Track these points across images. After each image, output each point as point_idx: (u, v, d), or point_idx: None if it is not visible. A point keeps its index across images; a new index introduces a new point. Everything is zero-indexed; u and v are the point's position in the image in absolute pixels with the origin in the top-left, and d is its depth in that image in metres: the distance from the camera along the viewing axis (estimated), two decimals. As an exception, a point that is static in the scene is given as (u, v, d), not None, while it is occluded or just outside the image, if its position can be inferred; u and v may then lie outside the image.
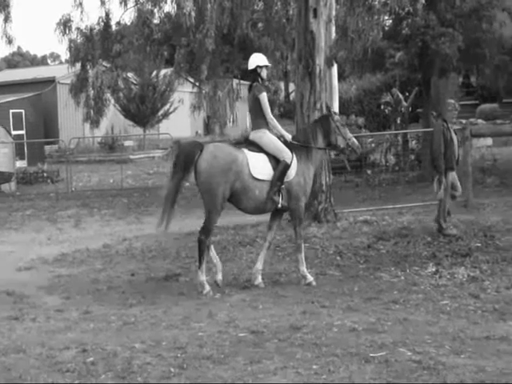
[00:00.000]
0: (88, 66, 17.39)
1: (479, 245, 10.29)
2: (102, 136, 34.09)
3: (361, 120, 27.17)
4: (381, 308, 7.43)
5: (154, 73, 34.63)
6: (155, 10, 15.51)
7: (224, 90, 16.19)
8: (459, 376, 5.28)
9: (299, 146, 8.97)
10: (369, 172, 19.71)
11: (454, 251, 9.94)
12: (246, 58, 9.42)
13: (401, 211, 13.98)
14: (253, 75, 9.06)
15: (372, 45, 12.44)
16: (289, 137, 9.04)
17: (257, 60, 9.02)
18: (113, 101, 28.05)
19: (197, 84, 17.64)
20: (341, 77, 24.40)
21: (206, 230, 8.66)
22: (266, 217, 9.45)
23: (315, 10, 12.72)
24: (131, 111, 34.97)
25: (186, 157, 8.60)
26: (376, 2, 13.14)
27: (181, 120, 37.88)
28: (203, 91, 16.90)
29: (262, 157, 8.72)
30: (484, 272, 8.76)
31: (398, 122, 22.54)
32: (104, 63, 17.99)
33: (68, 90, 18.95)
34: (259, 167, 8.62)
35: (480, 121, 29.58)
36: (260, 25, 19.01)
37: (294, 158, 8.83)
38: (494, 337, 6.22)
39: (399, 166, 20.44)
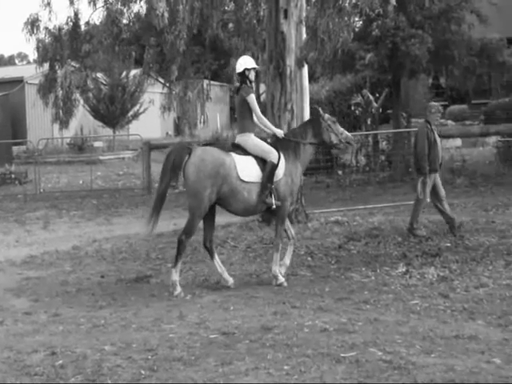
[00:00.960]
0: (56, 66, 17.20)
1: (449, 245, 10.38)
2: (71, 137, 33.80)
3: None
4: (352, 308, 7.45)
5: (124, 73, 34.41)
6: (125, 10, 15.40)
7: (194, 90, 16.13)
8: (429, 375, 5.31)
9: (288, 145, 9.02)
10: (340, 173, 19.79)
11: (424, 251, 10.01)
12: (217, 59, 9.44)
13: (371, 212, 14.06)
14: (241, 77, 9.12)
15: (342, 46, 12.48)
16: (281, 133, 9.11)
17: (244, 63, 9.08)
18: (82, 101, 27.80)
19: (167, 85, 17.56)
20: (311, 78, 24.45)
21: (188, 232, 8.68)
22: (237, 218, 9.43)
23: (286, 11, 12.74)
24: (101, 112, 34.72)
25: (174, 160, 8.65)
26: (346, 4, 13.18)
27: (151, 121, 37.71)
28: (173, 92, 16.82)
29: (250, 159, 8.77)
30: (453, 272, 8.83)
31: (369, 122, 22.66)
32: (73, 63, 17.81)
33: (36, 90, 18.73)
34: (247, 170, 8.67)
35: (449, 122, 29.86)
36: (231, 25, 19.00)
37: (282, 158, 8.87)
38: (464, 336, 6.26)
39: (370, 166, 20.55)
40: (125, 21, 15.95)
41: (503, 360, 5.63)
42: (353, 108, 24.92)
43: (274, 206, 8.79)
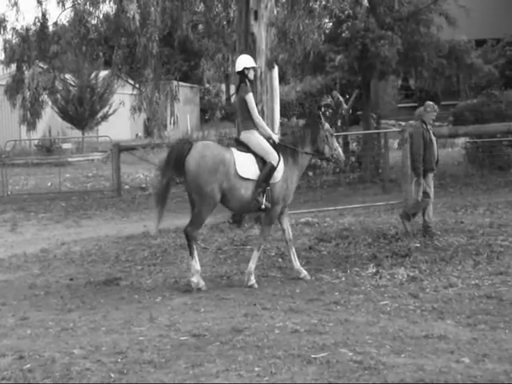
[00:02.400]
0: (24, 67, 17.03)
1: (418, 245, 10.45)
2: (39, 138, 33.42)
3: (302, 122, 27.33)
4: (322, 309, 7.46)
5: (93, 74, 34.16)
6: (93, 11, 15.26)
7: (164, 92, 16.03)
8: (399, 375, 5.33)
9: (286, 149, 9.03)
10: (310, 174, 19.82)
11: (394, 252, 10.06)
12: (187, 60, 9.42)
13: (342, 213, 14.10)
14: (240, 77, 9.13)
15: (313, 48, 12.52)
16: (276, 138, 9.12)
17: (244, 62, 9.12)
18: (50, 103, 27.51)
19: (137, 86, 17.45)
20: (282, 79, 24.53)
21: (194, 225, 8.75)
22: (207, 220, 9.38)
23: (256, 13, 12.72)
24: (69, 113, 34.41)
25: (175, 156, 8.69)
26: (316, 5, 13.22)
27: (120, 122, 37.46)
28: (143, 93, 16.72)
29: (250, 157, 8.80)
30: (423, 272, 8.89)
31: (339, 124, 22.73)
32: (40, 64, 17.64)
33: (3, 91, 18.52)
34: (246, 166, 8.70)
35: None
36: (201, 27, 18.94)
37: (282, 162, 8.89)
38: (433, 335, 6.30)
39: (340, 167, 20.60)
40: (93, 21, 15.82)
41: (472, 359, 5.67)
42: (323, 109, 25.00)
43: (263, 207, 8.82)
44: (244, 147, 8.89)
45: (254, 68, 9.16)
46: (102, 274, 9.89)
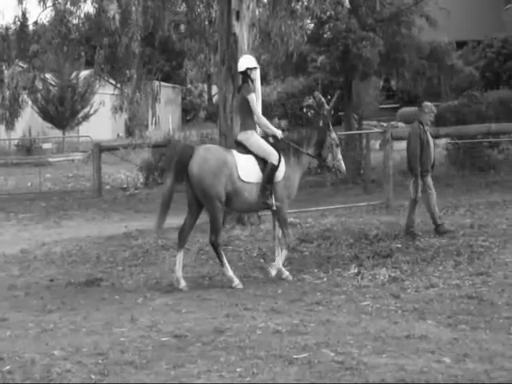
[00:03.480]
0: (3, 67, 16.90)
1: (400, 246, 10.47)
2: (19, 138, 33.21)
3: (284, 123, 27.34)
4: (304, 310, 7.45)
5: (74, 74, 34.00)
6: (74, 10, 15.18)
7: (145, 92, 15.99)
8: (381, 375, 5.33)
9: (289, 148, 9.06)
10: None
11: (375, 252, 10.08)
12: (169, 60, 9.41)
13: (323, 213, 14.11)
14: (243, 77, 9.18)
15: (294, 48, 12.53)
16: (280, 134, 9.12)
17: (246, 62, 9.17)
18: (30, 102, 27.35)
19: (118, 86, 17.38)
20: (264, 80, 24.54)
21: (215, 230, 8.81)
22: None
23: (238, 13, 12.70)
24: (50, 113, 34.23)
25: (177, 160, 8.72)
26: (298, 6, 13.25)
27: (102, 122, 37.30)
28: (125, 93, 16.66)
29: (251, 159, 8.82)
30: (404, 272, 8.91)
31: (321, 124, 22.78)
32: (20, 63, 17.52)
33: (-18, 90, 18.36)
34: (248, 170, 8.73)
35: (400, 124, 30.19)
36: (183, 27, 18.89)
37: (282, 161, 8.91)
38: (414, 336, 6.31)
39: (322, 168, 20.64)
40: (74, 21, 15.74)
41: (453, 359, 5.69)
42: (305, 110, 25.03)
43: (274, 208, 8.89)
44: (243, 148, 8.92)
45: (256, 68, 9.22)
46: (83, 274, 9.83)
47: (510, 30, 32.37)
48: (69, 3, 14.76)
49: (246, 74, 9.13)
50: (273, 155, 8.83)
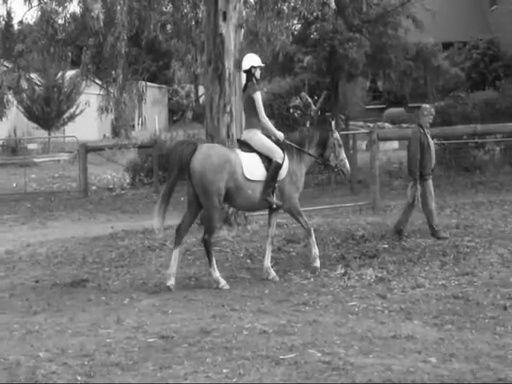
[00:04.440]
0: (-12, 66, 16.80)
1: (386, 246, 10.50)
2: (4, 138, 33.04)
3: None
4: (291, 310, 7.45)
5: (60, 74, 33.86)
6: (60, 10, 15.09)
7: (131, 92, 15.93)
8: (367, 375, 5.34)
9: (292, 147, 9.11)
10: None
11: (362, 253, 10.10)
12: (155, 60, 9.38)
13: (310, 214, 14.07)
14: (247, 75, 9.21)
15: (281, 49, 12.53)
16: (281, 136, 9.15)
17: (251, 61, 9.18)
18: (15, 102, 27.21)
19: (104, 86, 17.31)
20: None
21: (209, 229, 8.82)
22: (175, 221, 9.33)
23: (225, 14, 12.68)
24: (35, 113, 34.08)
25: (179, 157, 8.70)
26: (285, 7, 13.24)
27: (88, 123, 37.17)
28: (111, 93, 16.60)
29: (255, 157, 8.86)
30: (391, 273, 8.93)
31: (307, 125, 22.81)
32: (5, 63, 17.42)
33: (-33, 90, 18.26)
34: (252, 168, 8.76)
35: (387, 124, 30.30)
36: (169, 27, 18.85)
37: (286, 158, 8.96)
38: (401, 336, 6.32)
39: (309, 169, 20.66)
40: (60, 21, 15.65)
41: (439, 359, 5.70)
42: (292, 111, 25.07)
43: (275, 206, 8.95)
44: (247, 147, 8.95)
45: (260, 67, 9.23)
46: (69, 275, 9.78)
47: (496, 32, 32.57)
48: (54, 3, 14.67)
49: (250, 73, 9.17)
50: (277, 153, 8.89)
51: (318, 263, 9.13)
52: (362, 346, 6.05)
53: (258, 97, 8.99)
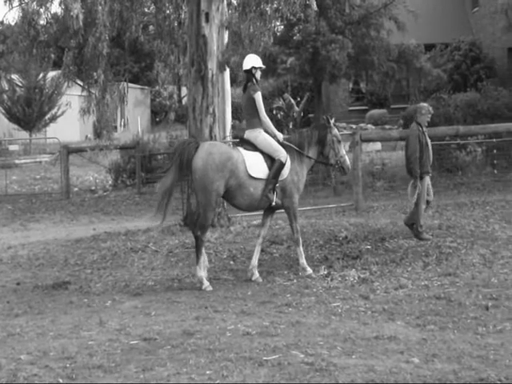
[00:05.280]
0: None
1: (369, 247, 10.53)
2: (-15, 140, 32.83)
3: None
4: (274, 311, 7.44)
5: (41, 75, 33.66)
6: (42, 11, 14.98)
7: (114, 93, 15.85)
8: (350, 376, 5.34)
9: (291, 146, 9.17)
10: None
11: (345, 254, 10.12)
12: (138, 61, 9.35)
13: (293, 215, 14.10)
14: (247, 75, 9.25)
15: (264, 50, 12.52)
16: (281, 137, 9.22)
17: (252, 61, 9.22)
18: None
19: (86, 87, 17.22)
20: (234, 81, 24.49)
21: (202, 227, 8.81)
22: (158, 223, 9.30)
23: (207, 15, 12.67)
24: (16, 114, 33.85)
25: (181, 155, 8.71)
26: (268, 8, 13.22)
27: (69, 124, 37.01)
28: (93, 94, 16.51)
29: (258, 156, 8.91)
30: (374, 274, 8.95)
31: (290, 126, 22.85)
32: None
33: None
34: (256, 166, 8.81)
35: (369, 126, 30.38)
36: (151, 28, 18.79)
37: (288, 157, 9.02)
38: (383, 336, 6.34)
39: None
40: (42, 22, 15.54)
41: (421, 359, 5.72)
42: (275, 112, 25.07)
43: (274, 204, 9.00)
44: (250, 146, 9.00)
45: (261, 68, 9.27)
46: (50, 277, 9.73)
47: (477, 34, 32.79)
48: (35, 3, 14.57)
49: (250, 73, 9.21)
50: (280, 152, 8.96)
51: (309, 270, 9.11)
52: (345, 347, 6.05)
53: (259, 97, 9.04)
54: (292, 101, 23.33)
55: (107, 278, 9.55)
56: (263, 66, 9.38)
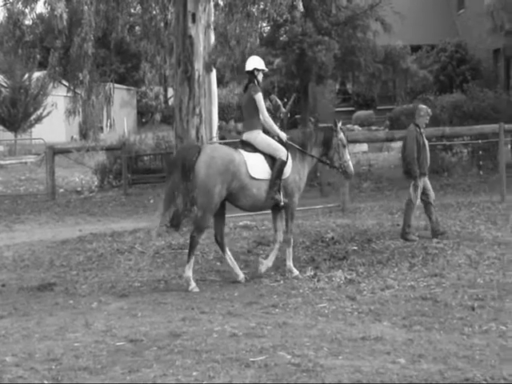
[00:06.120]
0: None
1: (356, 248, 10.54)
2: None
3: (240, 125, 27.38)
4: (260, 312, 7.44)
5: (26, 75, 33.51)
6: (27, 11, 14.92)
7: (100, 94, 15.80)
8: (337, 376, 5.35)
9: (294, 146, 9.18)
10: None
11: (331, 255, 10.13)
12: (124, 62, 9.33)
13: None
14: (249, 76, 9.26)
15: (251, 51, 12.53)
16: (284, 136, 9.21)
17: (254, 63, 9.24)
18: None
19: (72, 88, 17.14)
20: (220, 82, 24.50)
21: (199, 229, 8.83)
22: (144, 224, 9.28)
23: (194, 15, 12.68)
24: (1, 115, 33.67)
25: (183, 159, 8.73)
26: (254, 9, 13.25)
27: (55, 124, 36.85)
28: (78, 95, 16.45)
29: (259, 157, 8.92)
30: (360, 274, 8.96)
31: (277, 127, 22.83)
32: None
33: None
34: (257, 167, 8.82)
35: (356, 127, 30.45)
36: (138, 28, 18.74)
37: (290, 156, 9.03)
38: (370, 337, 6.35)
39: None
40: (27, 22, 15.48)
41: (408, 360, 5.73)
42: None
43: (282, 203, 9.01)
44: (251, 147, 9.00)
45: (263, 70, 9.29)
46: (36, 279, 9.66)
47: (463, 35, 32.93)
48: (21, 4, 14.50)
49: (252, 74, 9.21)
50: (281, 151, 8.97)
51: (295, 272, 9.11)
52: (331, 348, 6.06)
53: (260, 97, 9.05)
54: (279, 102, 23.33)
55: (93, 279, 9.50)
56: (266, 69, 9.44)
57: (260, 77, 9.28)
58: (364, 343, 6.20)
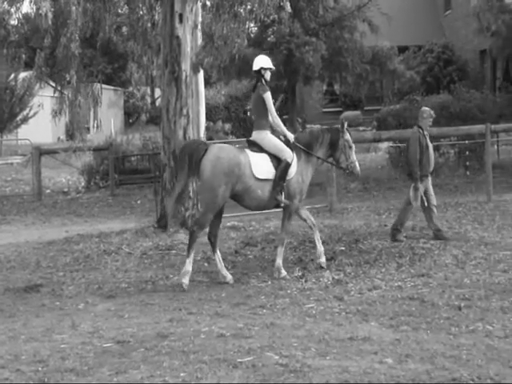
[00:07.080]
0: None
1: (343, 248, 10.55)
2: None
3: (228, 126, 27.37)
4: (248, 313, 7.43)
5: (12, 75, 33.31)
6: (12, 10, 14.82)
7: (87, 94, 15.72)
8: (325, 377, 5.35)
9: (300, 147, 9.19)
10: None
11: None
12: (111, 62, 9.29)
13: (267, 217, 14.09)
14: (257, 76, 9.27)
15: (238, 51, 12.51)
16: (291, 137, 9.21)
17: (261, 62, 9.25)
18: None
19: (58, 88, 17.06)
20: (208, 83, 24.45)
21: (200, 224, 8.85)
22: (132, 225, 9.24)
23: (181, 16, 12.63)
24: (-14, 115, 33.44)
25: (190, 156, 8.71)
26: (241, 10, 13.21)
27: (41, 125, 36.64)
28: (65, 96, 16.37)
29: (264, 157, 8.93)
30: (348, 275, 8.97)
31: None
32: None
33: None
34: (261, 167, 8.82)
35: (343, 128, 30.47)
36: (125, 29, 18.67)
37: (295, 157, 9.04)
38: (357, 337, 6.36)
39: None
40: (13, 22, 15.38)
41: (395, 360, 5.75)
42: (249, 113, 25.04)
43: (283, 205, 9.06)
44: (257, 147, 9.01)
45: (270, 69, 9.28)
46: (22, 280, 9.61)
47: (450, 36, 33.10)
48: (6, 3, 14.41)
49: (260, 74, 9.22)
50: (287, 153, 8.97)
51: (283, 272, 9.11)
52: (319, 348, 6.06)
53: (269, 97, 9.07)
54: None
55: (80, 280, 9.46)
56: (273, 67, 9.41)
57: (267, 75, 9.28)
58: (351, 343, 6.21)
